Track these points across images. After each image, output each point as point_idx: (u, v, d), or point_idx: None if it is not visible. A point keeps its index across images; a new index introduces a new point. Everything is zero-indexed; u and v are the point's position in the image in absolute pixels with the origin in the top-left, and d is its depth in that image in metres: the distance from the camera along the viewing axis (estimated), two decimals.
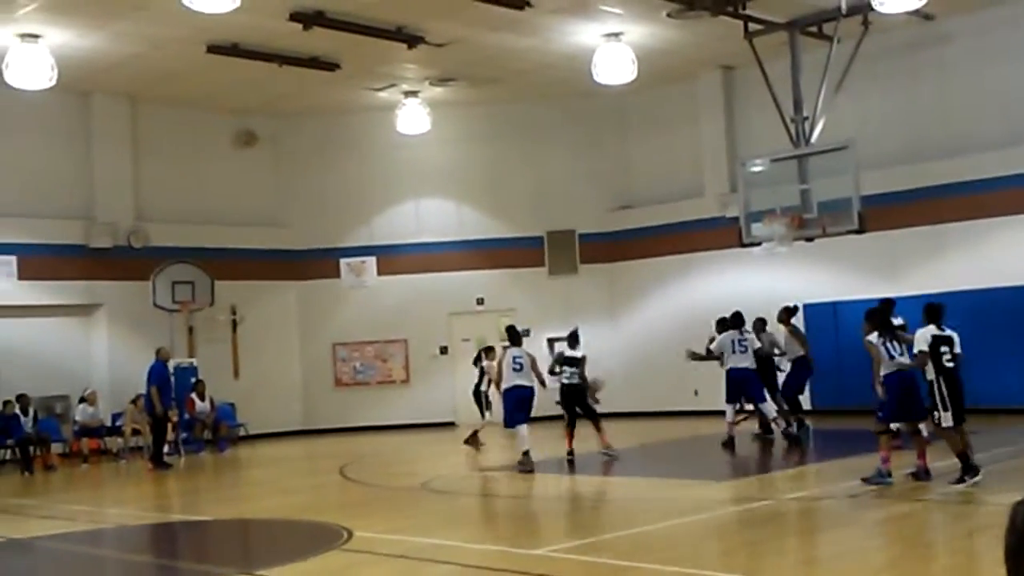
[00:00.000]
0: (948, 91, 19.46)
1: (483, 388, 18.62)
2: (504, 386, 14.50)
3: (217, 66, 19.24)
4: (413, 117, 22.40)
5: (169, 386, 18.49)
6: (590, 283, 23.74)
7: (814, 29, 17.70)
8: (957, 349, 11.09)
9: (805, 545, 9.09)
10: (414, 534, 9.94)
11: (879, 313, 11.71)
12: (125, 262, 20.96)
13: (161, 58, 18.90)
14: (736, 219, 17.57)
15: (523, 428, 14.26)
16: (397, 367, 23.65)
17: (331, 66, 19.81)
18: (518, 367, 14.41)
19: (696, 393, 20.73)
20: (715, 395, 16.84)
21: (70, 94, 20.37)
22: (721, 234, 20.12)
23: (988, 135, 18.68)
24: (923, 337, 11.00)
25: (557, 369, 15.47)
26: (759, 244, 16.93)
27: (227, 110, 22.62)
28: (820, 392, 20.08)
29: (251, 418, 21.87)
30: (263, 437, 21.94)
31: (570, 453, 15.09)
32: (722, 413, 16.17)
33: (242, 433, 21.68)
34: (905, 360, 11.18)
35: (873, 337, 11.22)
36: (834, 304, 20.06)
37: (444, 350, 23.52)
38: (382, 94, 22.02)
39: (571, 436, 15.30)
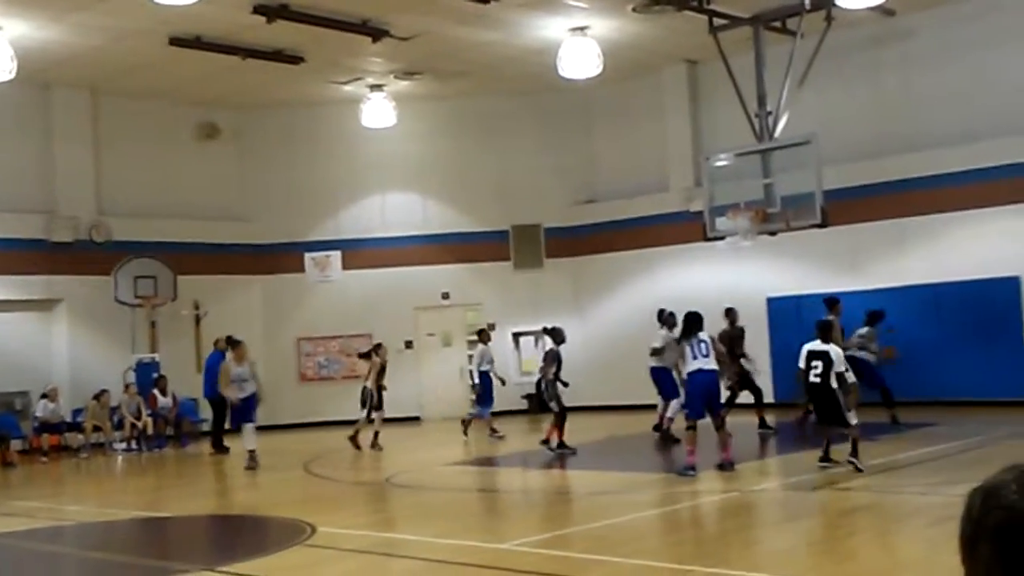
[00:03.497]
0: (910, 87, 19.62)
1: (368, 384, 17.82)
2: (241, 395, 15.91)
3: (180, 59, 19.06)
4: (378, 111, 22.31)
5: None
6: (555, 277, 23.75)
7: (778, 24, 17.77)
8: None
9: (770, 536, 9.13)
10: (379, 529, 9.91)
11: (689, 319, 12.60)
12: (86, 256, 20.73)
13: (122, 50, 18.70)
14: (700, 213, 17.63)
15: (249, 427, 15.77)
16: (362, 362, 23.54)
17: (295, 59, 19.69)
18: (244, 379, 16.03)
19: None
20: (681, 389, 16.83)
21: (30, 86, 20.09)
22: (686, 228, 20.18)
23: (949, 131, 18.85)
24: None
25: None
26: (723, 238, 16.99)
27: (190, 103, 22.43)
28: (783, 385, 20.20)
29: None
30: (226, 432, 21.76)
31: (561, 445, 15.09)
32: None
33: (205, 428, 21.51)
34: (711, 362, 12.21)
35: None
36: (797, 298, 20.17)
37: (409, 344, 23.46)
38: (347, 87, 21.91)
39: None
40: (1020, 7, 18.50)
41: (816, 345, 11.93)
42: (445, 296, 23.61)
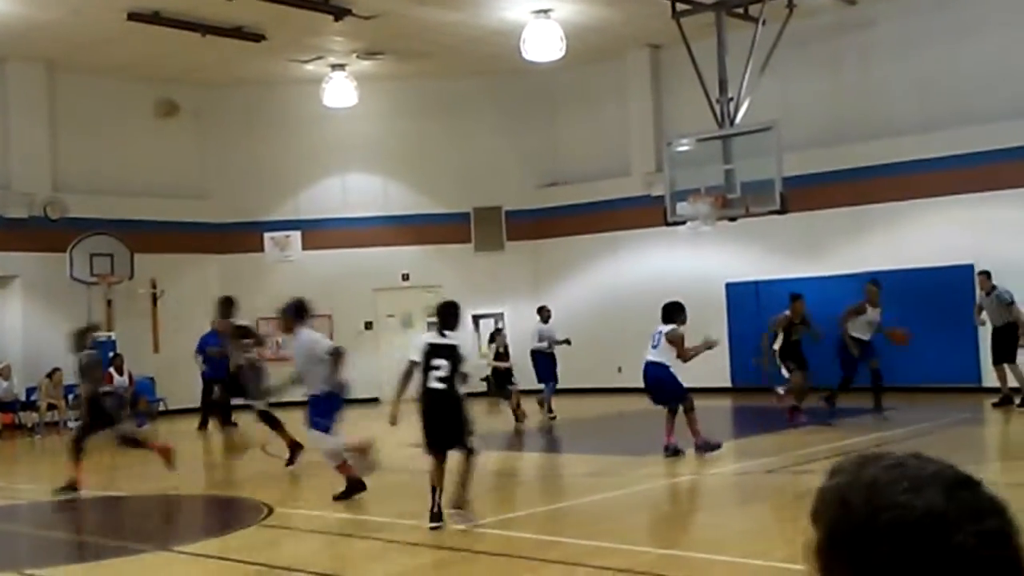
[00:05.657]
0: (870, 75, 19.79)
1: None
2: None
3: (138, 34, 18.81)
4: (340, 90, 22.17)
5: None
6: (516, 260, 23.77)
7: (740, 10, 17.85)
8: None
9: (724, 519, 9.22)
10: (336, 510, 9.88)
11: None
12: (41, 233, 20.46)
13: (80, 24, 18.42)
14: (661, 198, 17.71)
15: None
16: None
17: (256, 37, 19.50)
18: None
19: (620, 370, 20.89)
20: (638, 372, 16.95)
21: None
22: (647, 213, 20.26)
23: (908, 119, 19.05)
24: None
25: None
26: (684, 223, 17.08)
27: (149, 79, 22.14)
28: (741, 370, 20.39)
29: (171, 393, 21.54)
30: (183, 412, 21.62)
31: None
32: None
33: (161, 408, 21.36)
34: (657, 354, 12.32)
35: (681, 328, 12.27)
36: (756, 283, 20.35)
37: (369, 326, 23.41)
38: (308, 66, 21.75)
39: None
40: None
41: (433, 337, 9.01)
42: (405, 277, 23.56)
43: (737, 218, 17.03)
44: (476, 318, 23.19)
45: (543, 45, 19.13)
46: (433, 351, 8.77)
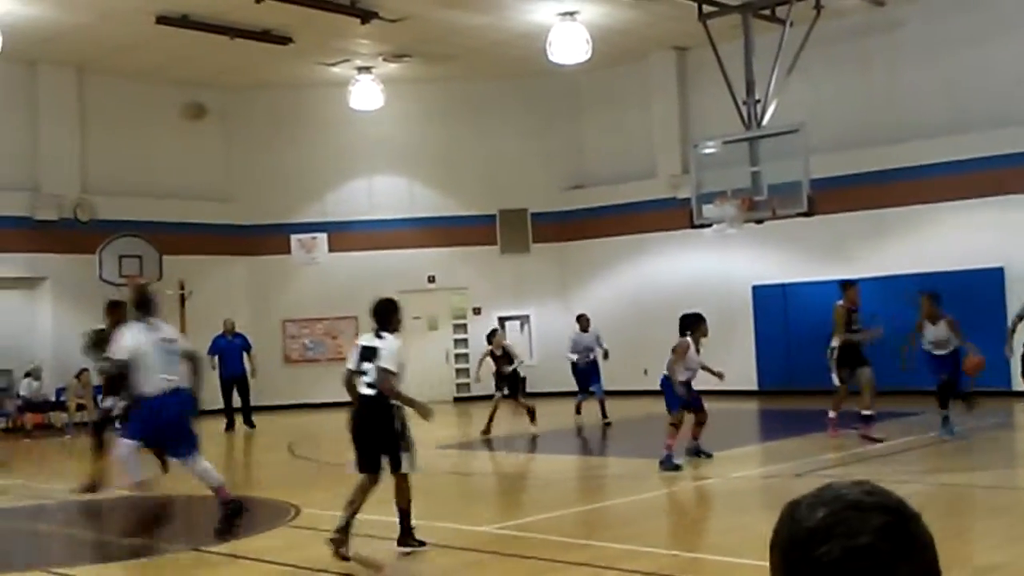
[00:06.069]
0: (897, 77, 19.68)
1: None
2: None
3: (167, 37, 18.95)
4: (366, 93, 22.26)
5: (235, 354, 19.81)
6: (542, 262, 23.78)
7: (767, 12, 17.79)
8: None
9: (750, 522, 9.19)
10: (363, 511, 9.91)
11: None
12: (71, 235, 20.65)
13: (109, 28, 18.59)
14: (687, 200, 17.67)
15: None
16: (347, 344, 23.51)
17: (283, 40, 19.60)
18: None
19: (646, 372, 20.83)
20: None
21: (15, 64, 19.97)
22: (672, 215, 20.22)
23: (935, 121, 18.92)
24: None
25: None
26: (710, 226, 17.02)
27: (177, 83, 22.30)
28: (768, 373, 20.33)
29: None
30: (210, 413, 21.70)
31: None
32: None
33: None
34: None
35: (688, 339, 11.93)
36: (783, 286, 20.27)
37: None
38: (335, 69, 21.85)
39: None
40: (1007, 0, 18.57)
41: (368, 339, 8.28)
42: (431, 280, 23.61)
43: (764, 220, 16.96)
44: (502, 320, 23.24)
45: (569, 47, 19.14)
46: (363, 354, 8.10)
